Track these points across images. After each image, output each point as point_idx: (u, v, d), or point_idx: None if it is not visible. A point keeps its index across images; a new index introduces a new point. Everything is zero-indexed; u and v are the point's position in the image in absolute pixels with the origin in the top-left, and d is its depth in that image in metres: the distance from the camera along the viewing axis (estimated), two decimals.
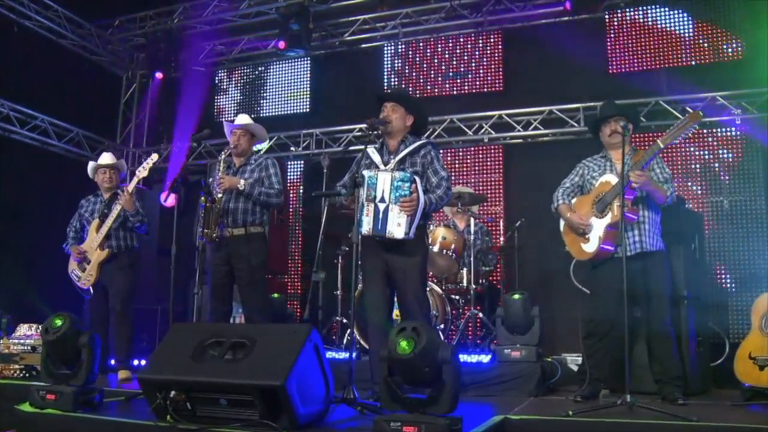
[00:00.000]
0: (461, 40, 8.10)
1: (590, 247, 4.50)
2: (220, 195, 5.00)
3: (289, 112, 8.71)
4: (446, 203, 4.43)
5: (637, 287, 4.31)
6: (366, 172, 4.21)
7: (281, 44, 7.98)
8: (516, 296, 5.14)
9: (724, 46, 6.96)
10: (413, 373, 2.89)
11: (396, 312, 4.52)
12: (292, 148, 8.34)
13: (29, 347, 5.58)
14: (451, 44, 8.13)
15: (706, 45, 7.04)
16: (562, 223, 4.73)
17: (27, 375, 5.49)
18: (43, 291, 7.50)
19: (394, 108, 4.46)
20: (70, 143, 8.36)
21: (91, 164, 5.86)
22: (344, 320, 6.34)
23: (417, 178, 4.14)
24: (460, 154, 7.93)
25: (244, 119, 5.39)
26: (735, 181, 6.79)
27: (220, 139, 8.34)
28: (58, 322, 3.71)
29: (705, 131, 6.98)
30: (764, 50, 6.63)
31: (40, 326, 5.69)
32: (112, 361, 5.68)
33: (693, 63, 7.10)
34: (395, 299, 4.40)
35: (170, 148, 8.81)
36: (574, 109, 7.38)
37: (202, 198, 4.93)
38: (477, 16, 7.88)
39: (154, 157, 5.59)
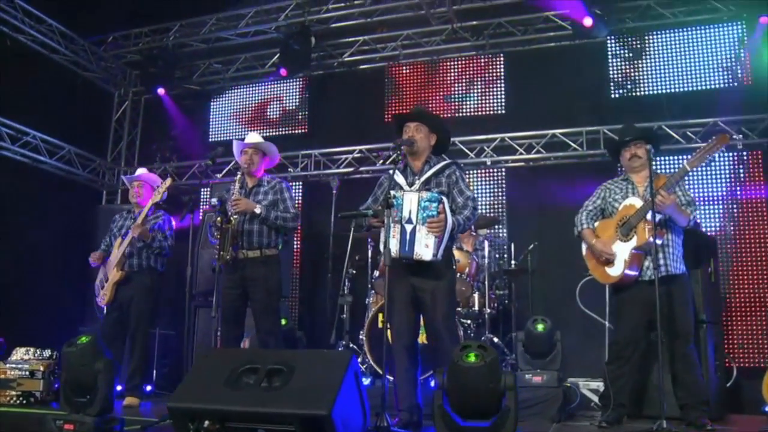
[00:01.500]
0: (462, 62, 8.09)
1: (615, 271, 4.47)
2: (235, 216, 4.87)
3: (287, 132, 8.59)
4: (473, 224, 4.35)
5: (660, 310, 4.29)
6: (392, 193, 4.12)
7: (283, 71, 7.89)
8: (540, 326, 5.06)
9: (726, 73, 7.06)
10: (475, 397, 2.78)
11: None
12: (290, 169, 8.22)
13: (27, 372, 5.33)
14: (452, 66, 8.12)
15: (707, 70, 7.12)
16: (584, 246, 4.70)
17: (24, 402, 5.25)
18: (37, 312, 7.27)
19: (417, 127, 4.38)
20: (60, 161, 8.12)
21: (124, 178, 5.81)
22: (351, 345, 6.21)
23: (444, 199, 4.07)
24: None
25: (254, 138, 5.29)
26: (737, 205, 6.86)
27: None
28: (84, 339, 3.53)
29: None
30: (764, 77, 6.77)
31: (37, 350, 5.54)
32: (119, 387, 5.47)
33: (694, 88, 7.17)
34: (421, 323, 4.30)
35: (163, 167, 8.65)
36: (576, 132, 7.40)
37: (218, 219, 4.79)
38: (478, 39, 7.90)
39: (168, 181, 5.50)
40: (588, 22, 6.92)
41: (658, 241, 4.29)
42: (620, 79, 7.45)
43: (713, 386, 4.88)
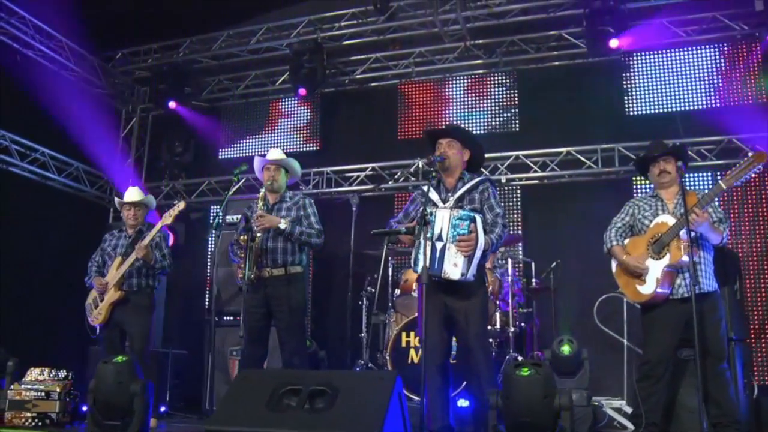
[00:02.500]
0: (475, 79, 8.08)
1: (647, 289, 4.40)
2: (258, 234, 4.78)
3: (298, 150, 8.51)
4: (504, 241, 4.28)
5: (691, 328, 4.24)
6: (427, 209, 4.05)
7: (302, 91, 7.84)
8: (566, 348, 5.00)
9: (741, 90, 7.08)
10: (530, 412, 2.71)
11: None
12: (302, 187, 8.14)
13: (42, 393, 5.17)
14: (465, 83, 8.11)
15: (722, 88, 7.14)
16: (614, 264, 4.64)
17: (40, 424, 5.09)
18: (43, 330, 7.13)
19: (450, 144, 4.33)
20: (68, 177, 8.02)
21: (117, 201, 5.65)
22: (369, 364, 6.12)
23: (478, 218, 3.99)
24: None
25: (277, 154, 5.23)
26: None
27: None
28: (121, 359, 3.43)
29: (720, 173, 7.02)
30: None
31: (52, 370, 5.40)
32: None
33: (708, 105, 7.19)
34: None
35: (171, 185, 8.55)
36: (591, 150, 7.39)
37: (243, 237, 4.71)
38: (491, 57, 7.91)
39: (181, 204, 5.40)
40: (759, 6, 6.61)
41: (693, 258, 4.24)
42: (634, 97, 7.44)
43: (743, 405, 4.82)
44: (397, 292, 5.97)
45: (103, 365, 3.51)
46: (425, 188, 4.38)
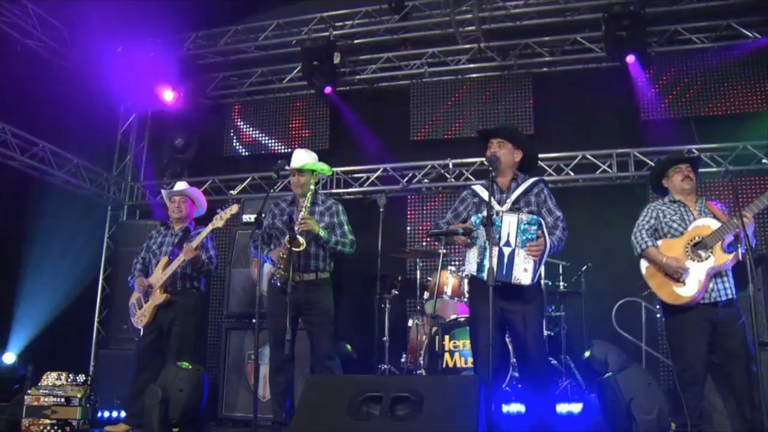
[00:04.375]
0: (489, 81, 8.01)
1: (688, 291, 4.36)
2: (302, 237, 4.63)
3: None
4: (564, 244, 4.21)
5: (717, 333, 4.28)
6: (493, 210, 3.95)
7: (328, 89, 7.71)
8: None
9: (755, 97, 7.15)
10: None
11: None
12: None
13: (62, 399, 4.94)
14: (479, 86, 8.03)
15: (736, 94, 7.20)
16: (644, 265, 4.58)
17: (60, 431, 4.85)
18: (41, 330, 6.85)
19: (501, 144, 4.26)
20: (68, 173, 7.71)
21: (163, 192, 5.47)
22: (392, 368, 5.99)
23: (543, 222, 3.94)
24: None
25: (304, 158, 5.06)
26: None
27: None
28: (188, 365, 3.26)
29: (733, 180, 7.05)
30: None
31: (70, 375, 5.16)
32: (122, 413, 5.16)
33: (723, 112, 7.23)
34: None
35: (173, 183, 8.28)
36: (606, 154, 7.39)
37: (287, 239, 4.55)
38: (505, 59, 7.86)
39: (234, 207, 5.26)
40: None
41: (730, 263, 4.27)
42: (649, 102, 7.46)
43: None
44: (426, 295, 5.85)
45: (182, 370, 3.31)
46: (476, 188, 4.31)
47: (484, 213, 3.92)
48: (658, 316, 6.51)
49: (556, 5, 7.32)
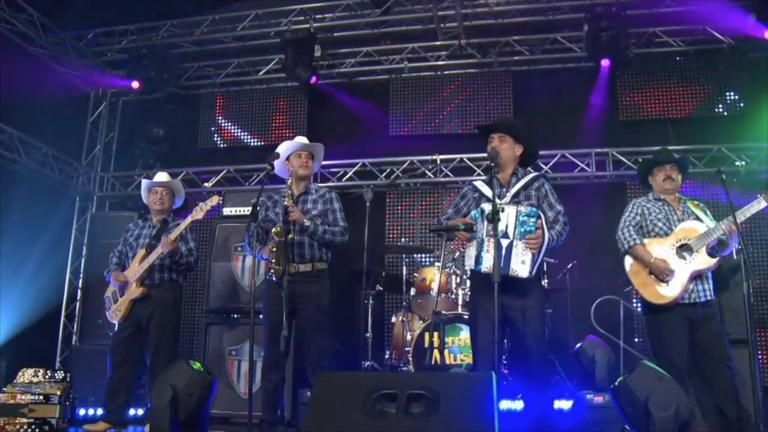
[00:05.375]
0: (469, 78, 8.01)
1: (671, 291, 4.40)
2: (290, 228, 4.52)
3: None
4: (565, 239, 4.22)
5: (694, 331, 4.37)
6: (486, 206, 3.93)
7: (313, 79, 7.61)
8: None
9: (728, 100, 7.32)
10: None
11: None
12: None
13: (40, 396, 4.73)
14: (458, 82, 8.03)
15: (710, 98, 7.36)
16: (628, 262, 4.61)
17: (38, 431, 4.65)
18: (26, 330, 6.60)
19: (501, 138, 4.25)
20: (36, 162, 7.42)
21: (144, 182, 5.25)
22: (375, 364, 5.95)
23: (542, 214, 3.93)
24: None
25: (302, 140, 5.02)
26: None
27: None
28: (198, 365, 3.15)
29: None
30: (765, 106, 7.05)
31: (47, 371, 4.95)
32: (99, 410, 4.99)
33: (698, 114, 7.39)
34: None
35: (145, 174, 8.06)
36: (585, 153, 7.47)
37: (277, 229, 4.43)
38: (485, 57, 7.87)
39: (214, 199, 5.06)
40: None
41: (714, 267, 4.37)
42: (626, 103, 7.57)
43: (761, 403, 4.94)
44: (413, 291, 5.82)
45: (193, 369, 3.19)
46: (477, 183, 4.29)
47: (483, 206, 3.91)
48: (635, 315, 6.64)
49: (539, 4, 7.37)
